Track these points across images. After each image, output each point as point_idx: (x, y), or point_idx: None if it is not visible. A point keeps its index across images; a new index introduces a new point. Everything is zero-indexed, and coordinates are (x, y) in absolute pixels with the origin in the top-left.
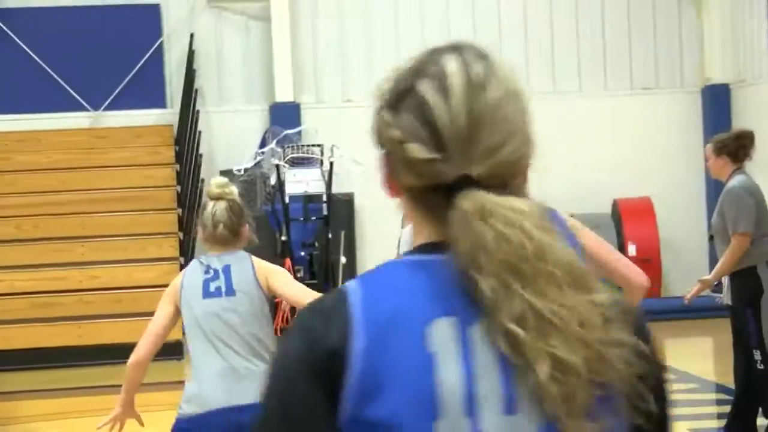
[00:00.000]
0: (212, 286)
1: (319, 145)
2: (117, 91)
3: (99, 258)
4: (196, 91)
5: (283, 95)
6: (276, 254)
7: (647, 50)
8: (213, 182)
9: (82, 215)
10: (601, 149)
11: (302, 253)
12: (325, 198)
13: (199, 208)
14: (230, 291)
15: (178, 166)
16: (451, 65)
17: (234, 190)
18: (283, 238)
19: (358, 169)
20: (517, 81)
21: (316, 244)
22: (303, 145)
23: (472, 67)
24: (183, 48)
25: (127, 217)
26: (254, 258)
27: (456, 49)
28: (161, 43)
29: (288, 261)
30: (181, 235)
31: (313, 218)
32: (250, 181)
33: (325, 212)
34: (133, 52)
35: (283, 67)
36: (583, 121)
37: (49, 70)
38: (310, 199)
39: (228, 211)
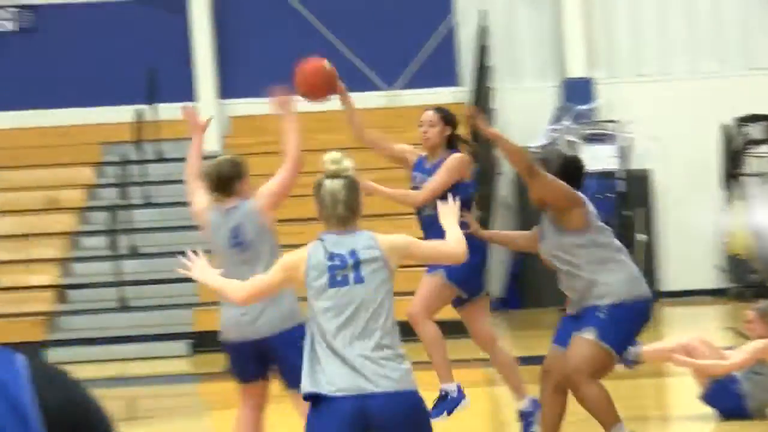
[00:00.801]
0: (339, 275)
1: (614, 121)
2: (411, 69)
3: None
4: (489, 68)
5: (575, 71)
6: None
7: None
8: (327, 158)
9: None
10: None
11: None
12: (620, 175)
13: (492, 185)
14: (358, 279)
15: (474, 145)
16: None
17: (349, 164)
18: None
19: (655, 144)
20: None
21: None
22: (598, 121)
23: None
24: (474, 25)
25: None
26: (377, 234)
27: None
28: (453, 20)
29: None
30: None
31: (607, 194)
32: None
33: (619, 189)
34: (424, 30)
35: (574, 42)
36: (727, 102)
37: (345, 51)
38: (604, 175)
39: (346, 189)
